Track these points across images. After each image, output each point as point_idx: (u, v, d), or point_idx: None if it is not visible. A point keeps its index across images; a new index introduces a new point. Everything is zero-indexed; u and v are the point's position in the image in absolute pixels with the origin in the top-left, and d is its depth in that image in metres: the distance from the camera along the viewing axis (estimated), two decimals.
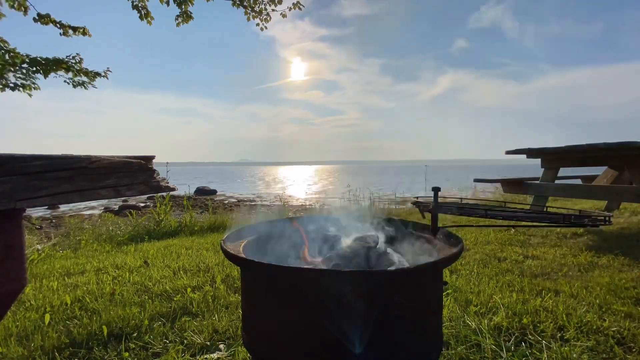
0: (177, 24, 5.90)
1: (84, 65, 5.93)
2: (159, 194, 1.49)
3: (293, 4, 6.10)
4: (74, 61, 5.80)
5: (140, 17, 5.57)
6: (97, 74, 6.10)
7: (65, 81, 5.93)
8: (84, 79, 6.04)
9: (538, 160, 4.18)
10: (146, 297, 2.07)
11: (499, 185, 4.92)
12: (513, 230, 3.71)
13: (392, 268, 1.11)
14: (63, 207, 11.93)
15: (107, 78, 6.24)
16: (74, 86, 6.07)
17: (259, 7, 6.12)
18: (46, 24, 5.51)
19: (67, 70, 5.73)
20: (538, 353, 1.42)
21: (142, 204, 13.50)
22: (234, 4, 6.03)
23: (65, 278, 2.52)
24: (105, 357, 1.48)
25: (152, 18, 5.63)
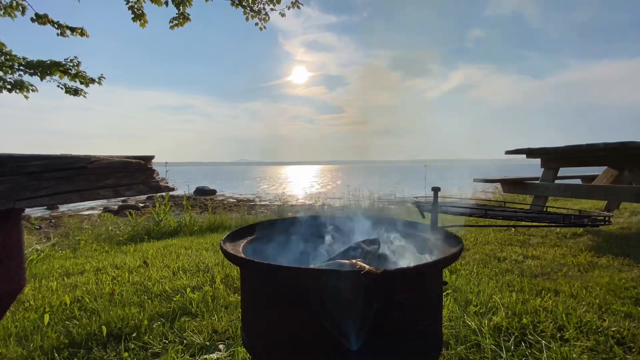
0: (172, 27, 5.81)
1: (81, 68, 5.90)
2: (159, 194, 1.49)
3: (292, 2, 6.09)
4: (71, 64, 5.77)
5: (134, 19, 5.47)
6: (92, 80, 6.06)
7: (58, 86, 5.90)
8: (78, 85, 6.01)
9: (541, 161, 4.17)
10: (145, 297, 2.06)
11: (499, 185, 4.93)
12: (513, 230, 3.71)
13: (392, 268, 1.11)
14: (62, 207, 11.92)
15: (101, 84, 6.20)
16: (67, 92, 6.04)
17: (257, 6, 6.10)
18: (44, 24, 5.49)
19: (64, 73, 5.70)
20: (538, 353, 1.42)
21: (142, 204, 13.48)
22: (232, 4, 6.01)
23: (65, 278, 2.51)
24: (105, 358, 1.48)
25: (146, 21, 5.55)
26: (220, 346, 1.54)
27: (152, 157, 0.83)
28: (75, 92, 6.11)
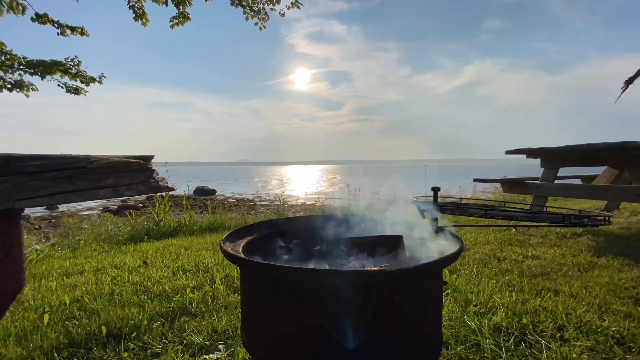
0: (172, 26, 5.80)
1: (82, 67, 5.89)
2: (158, 193, 1.49)
3: (292, 2, 6.08)
4: (71, 64, 5.76)
5: (135, 18, 5.46)
6: (92, 79, 6.06)
7: (59, 85, 5.90)
8: (79, 84, 6.00)
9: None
10: (145, 297, 2.06)
11: (498, 185, 4.93)
12: (514, 230, 3.71)
13: (392, 268, 1.11)
14: (61, 207, 11.91)
15: (102, 83, 6.19)
16: (68, 91, 6.04)
17: (257, 6, 6.10)
18: (44, 23, 5.48)
19: (65, 72, 5.69)
20: (538, 353, 1.42)
21: (141, 204, 13.47)
22: (232, 3, 6.00)
23: (64, 278, 2.51)
24: (104, 358, 1.48)
25: (147, 20, 5.54)
26: (220, 346, 1.54)
27: (151, 157, 0.83)
28: (76, 91, 6.11)
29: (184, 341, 1.58)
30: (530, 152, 4.13)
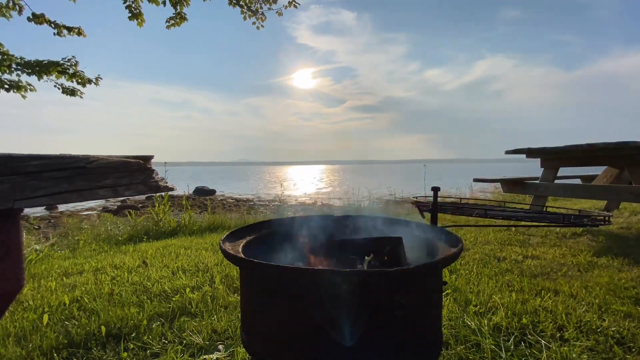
0: (168, 27, 5.76)
1: (79, 66, 5.86)
2: (158, 193, 1.49)
3: (289, 2, 6.09)
4: (69, 64, 5.73)
5: (130, 18, 5.38)
6: (89, 80, 6.03)
7: (55, 86, 5.87)
8: (75, 85, 5.97)
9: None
10: (145, 297, 2.06)
11: (498, 185, 4.94)
12: (514, 229, 3.71)
13: (392, 268, 1.11)
14: (61, 207, 11.89)
15: (98, 84, 6.16)
16: (64, 92, 6.01)
17: (254, 6, 6.09)
18: (40, 23, 5.46)
19: (62, 73, 5.66)
20: (537, 353, 1.42)
21: (141, 204, 13.46)
22: (230, 3, 5.99)
23: (64, 278, 2.51)
24: (104, 358, 1.47)
25: (143, 20, 5.48)
26: (220, 346, 1.54)
27: (151, 157, 0.82)
28: (72, 92, 6.08)
29: (184, 341, 1.58)
30: (530, 152, 4.13)
